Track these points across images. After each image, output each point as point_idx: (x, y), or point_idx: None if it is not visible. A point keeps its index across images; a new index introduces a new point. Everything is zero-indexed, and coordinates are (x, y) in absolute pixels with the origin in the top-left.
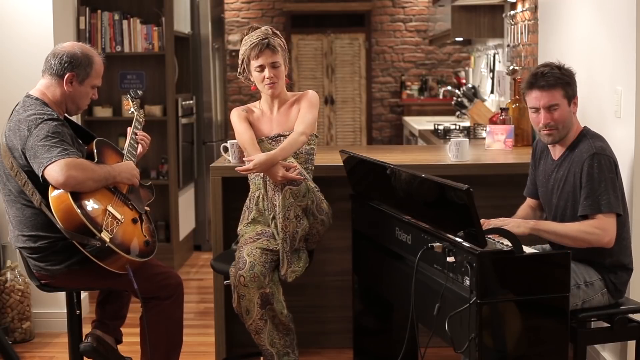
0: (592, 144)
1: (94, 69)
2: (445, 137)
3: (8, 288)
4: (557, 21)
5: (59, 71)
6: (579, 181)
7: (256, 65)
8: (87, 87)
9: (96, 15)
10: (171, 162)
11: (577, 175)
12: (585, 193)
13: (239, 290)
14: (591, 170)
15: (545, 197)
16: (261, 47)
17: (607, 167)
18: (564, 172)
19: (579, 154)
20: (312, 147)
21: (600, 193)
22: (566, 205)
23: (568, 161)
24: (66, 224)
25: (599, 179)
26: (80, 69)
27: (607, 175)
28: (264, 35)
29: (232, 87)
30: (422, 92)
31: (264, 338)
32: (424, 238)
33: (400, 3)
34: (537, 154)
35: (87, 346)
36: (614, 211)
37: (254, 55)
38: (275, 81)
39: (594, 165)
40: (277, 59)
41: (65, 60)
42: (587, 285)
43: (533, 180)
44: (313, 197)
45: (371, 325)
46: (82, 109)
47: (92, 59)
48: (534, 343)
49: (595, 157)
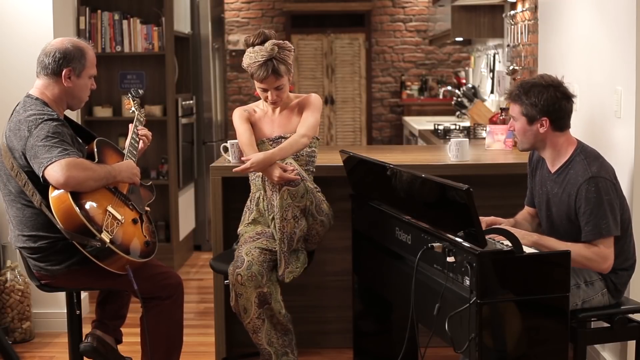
0: (588, 167)
1: (88, 59)
2: (445, 137)
3: (8, 288)
4: (557, 21)
5: (54, 69)
6: (573, 204)
7: (259, 86)
8: (85, 78)
9: (96, 15)
10: (171, 162)
11: (572, 198)
12: (586, 219)
13: (237, 289)
14: (589, 195)
15: (540, 206)
16: (266, 74)
17: (604, 189)
18: (558, 191)
19: (574, 176)
20: (313, 149)
21: (600, 217)
22: (561, 223)
23: (563, 179)
24: (66, 225)
25: (597, 203)
26: (75, 63)
27: (604, 198)
28: (268, 56)
29: (232, 87)
30: (422, 92)
31: (261, 337)
32: (424, 238)
33: (400, 3)
34: (532, 163)
35: (87, 346)
36: (613, 234)
37: (258, 79)
38: (278, 101)
39: (591, 190)
40: (281, 82)
41: (59, 57)
42: (588, 285)
43: (531, 190)
44: (312, 197)
45: (371, 325)
46: (84, 102)
47: (84, 50)
48: (534, 343)
49: (591, 181)
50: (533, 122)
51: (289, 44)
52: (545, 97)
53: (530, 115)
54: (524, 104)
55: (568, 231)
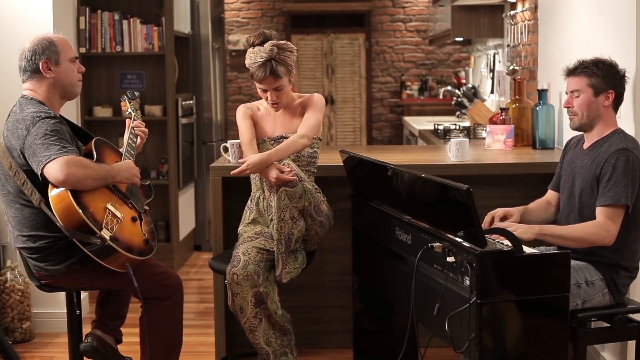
0: (624, 141)
1: (58, 45)
2: (445, 137)
3: (8, 288)
4: (557, 21)
5: (32, 66)
6: (600, 170)
7: (259, 86)
8: (65, 63)
9: (96, 15)
10: (171, 162)
11: (599, 165)
12: (609, 185)
13: (233, 288)
14: (618, 164)
15: (564, 185)
16: (264, 75)
17: (633, 163)
18: (588, 161)
19: (607, 147)
20: (315, 150)
21: (622, 186)
22: (580, 194)
23: (596, 151)
24: (66, 223)
25: (624, 173)
26: (47, 53)
27: (630, 172)
28: (267, 57)
29: (232, 87)
30: (422, 92)
31: (258, 337)
32: (424, 238)
33: (400, 3)
34: (569, 147)
35: (87, 346)
36: (627, 203)
37: (257, 80)
38: (278, 102)
39: (621, 160)
40: (280, 83)
41: (29, 54)
42: (588, 285)
43: (558, 174)
44: (311, 198)
45: (371, 326)
46: (77, 87)
47: (50, 39)
48: (534, 343)
49: (624, 152)
50: (599, 94)
51: (290, 44)
52: (614, 71)
53: (598, 87)
54: (593, 74)
55: (585, 204)
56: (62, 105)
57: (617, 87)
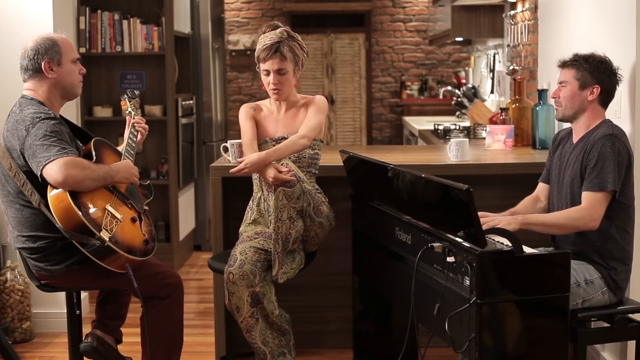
0: (611, 129)
1: (61, 45)
2: (445, 137)
3: (8, 288)
4: (557, 21)
5: (34, 66)
6: (587, 157)
7: (263, 68)
8: (67, 64)
9: (96, 15)
10: (171, 162)
11: (587, 152)
12: (596, 172)
13: (229, 288)
14: (603, 149)
15: (554, 179)
16: (269, 52)
17: (619, 149)
18: (577, 152)
19: (594, 136)
20: (316, 152)
21: (607, 172)
22: (572, 182)
23: (584, 143)
24: (65, 224)
25: (610, 158)
26: (50, 53)
27: (616, 157)
28: (277, 39)
29: (232, 87)
30: (422, 92)
31: (255, 336)
32: (424, 238)
33: (400, 3)
34: (556, 141)
35: (87, 346)
36: (613, 189)
37: (262, 59)
38: (280, 88)
39: (607, 145)
40: (284, 65)
41: (32, 53)
42: (587, 284)
43: (548, 166)
44: (309, 199)
45: (371, 325)
46: (77, 89)
47: (53, 39)
48: (534, 343)
49: (609, 137)
50: (584, 88)
51: (300, 39)
52: (603, 67)
53: (583, 81)
54: (581, 68)
55: (577, 193)
56: (62, 105)
57: (604, 83)
